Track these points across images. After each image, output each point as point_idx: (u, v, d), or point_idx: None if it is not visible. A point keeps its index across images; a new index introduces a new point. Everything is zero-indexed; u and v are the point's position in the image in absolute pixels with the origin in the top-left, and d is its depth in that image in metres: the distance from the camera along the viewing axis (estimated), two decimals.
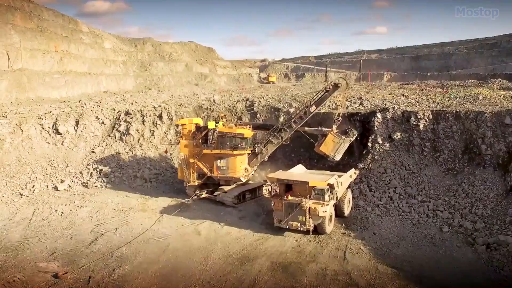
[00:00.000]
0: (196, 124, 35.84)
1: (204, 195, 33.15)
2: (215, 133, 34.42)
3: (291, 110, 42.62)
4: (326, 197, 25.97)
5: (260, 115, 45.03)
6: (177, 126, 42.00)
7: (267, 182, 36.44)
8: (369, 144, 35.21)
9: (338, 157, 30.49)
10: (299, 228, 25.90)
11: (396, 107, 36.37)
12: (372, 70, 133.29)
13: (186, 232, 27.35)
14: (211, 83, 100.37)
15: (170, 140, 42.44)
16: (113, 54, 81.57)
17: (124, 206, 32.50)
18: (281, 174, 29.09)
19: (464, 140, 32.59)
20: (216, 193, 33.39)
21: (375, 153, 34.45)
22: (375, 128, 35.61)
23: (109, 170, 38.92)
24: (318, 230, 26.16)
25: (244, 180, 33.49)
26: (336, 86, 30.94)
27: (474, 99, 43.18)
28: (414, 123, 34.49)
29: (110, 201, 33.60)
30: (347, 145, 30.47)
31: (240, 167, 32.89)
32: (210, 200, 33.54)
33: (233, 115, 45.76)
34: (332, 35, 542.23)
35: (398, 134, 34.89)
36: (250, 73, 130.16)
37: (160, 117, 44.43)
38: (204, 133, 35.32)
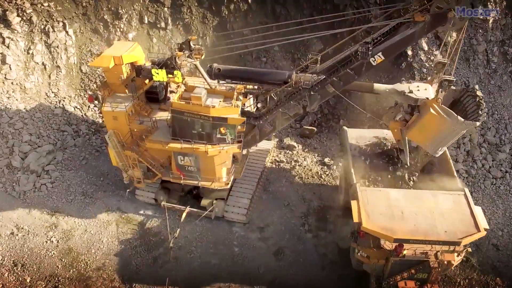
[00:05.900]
0: (132, 63, 17.69)
1: (185, 212, 18.40)
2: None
3: None
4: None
5: None
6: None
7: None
8: (409, 53, 22.66)
9: (440, 152, 16.45)
10: None
11: None
12: None
13: None
14: None
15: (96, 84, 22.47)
16: None
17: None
18: (390, 217, 15.06)
19: None
20: (207, 203, 18.98)
21: (424, 69, 22.45)
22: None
23: None
24: None
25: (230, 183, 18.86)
26: (440, 17, 14.29)
27: None
28: (480, 17, 22.17)
29: None
30: (462, 133, 16.28)
31: (223, 169, 18.13)
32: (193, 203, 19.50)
33: (163, 6, 25.59)
34: None
35: (453, 33, 22.51)
36: None
37: (5, 21, 22.23)
38: (149, 86, 18.03)
